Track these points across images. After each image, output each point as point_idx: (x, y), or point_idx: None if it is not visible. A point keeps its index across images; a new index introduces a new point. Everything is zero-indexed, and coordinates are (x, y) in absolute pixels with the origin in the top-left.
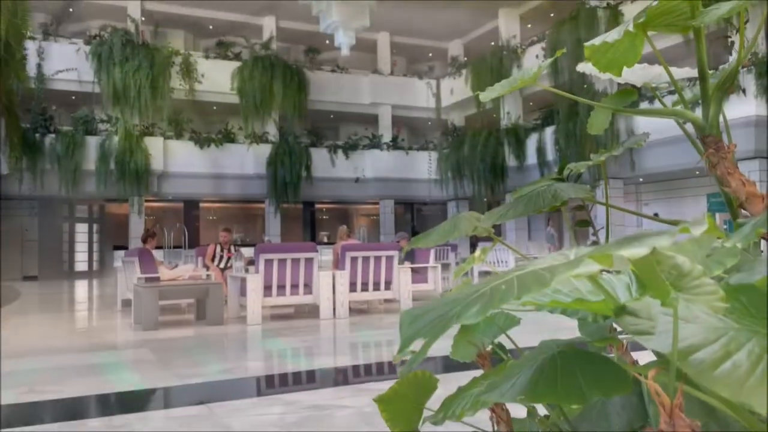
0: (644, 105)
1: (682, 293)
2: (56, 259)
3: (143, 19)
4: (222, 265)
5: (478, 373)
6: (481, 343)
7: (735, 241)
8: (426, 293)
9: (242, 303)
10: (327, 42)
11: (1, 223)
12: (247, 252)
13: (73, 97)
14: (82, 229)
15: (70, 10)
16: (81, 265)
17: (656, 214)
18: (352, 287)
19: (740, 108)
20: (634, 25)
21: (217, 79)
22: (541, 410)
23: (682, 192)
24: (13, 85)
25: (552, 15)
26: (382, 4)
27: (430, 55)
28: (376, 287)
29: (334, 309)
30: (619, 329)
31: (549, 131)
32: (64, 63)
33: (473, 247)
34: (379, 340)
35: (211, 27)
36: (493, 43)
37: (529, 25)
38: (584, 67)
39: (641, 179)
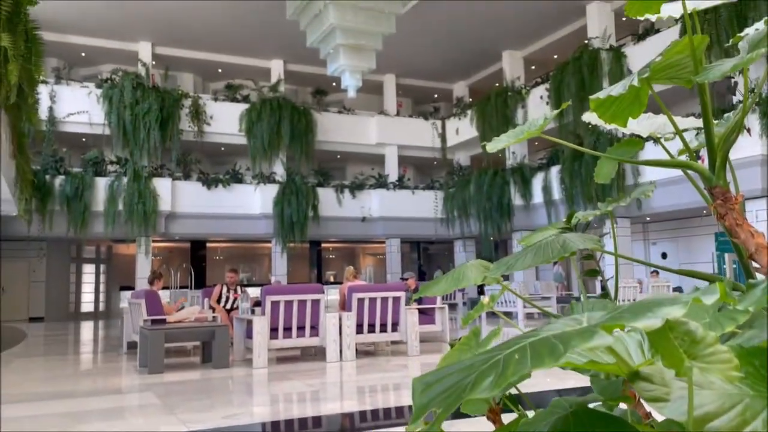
0: (649, 144)
1: (696, 361)
2: (63, 300)
3: (154, 63)
4: (228, 306)
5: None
6: (492, 397)
7: (747, 305)
8: (433, 334)
9: (248, 345)
10: (334, 84)
11: (9, 264)
12: (254, 292)
13: (84, 139)
14: (89, 269)
15: (83, 54)
16: (87, 305)
17: (664, 254)
18: (359, 329)
19: (746, 148)
20: (638, 80)
21: (225, 120)
22: None
23: (690, 231)
24: (25, 128)
25: (555, 57)
26: (388, 47)
27: (436, 96)
28: (383, 329)
29: (341, 351)
30: None
31: (554, 170)
32: (75, 106)
33: (481, 286)
34: (386, 384)
35: (220, 70)
36: (497, 84)
37: (533, 67)
38: (589, 116)
39: (648, 218)
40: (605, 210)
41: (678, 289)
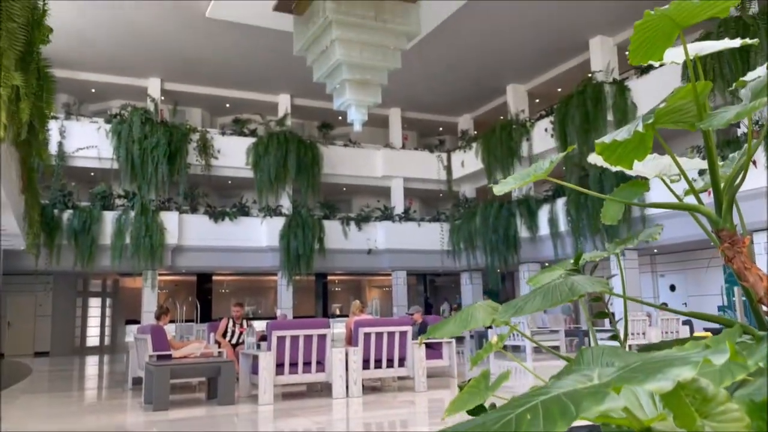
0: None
1: (708, 420)
2: (68, 334)
3: (163, 98)
4: (234, 341)
5: None
6: None
7: (756, 360)
8: (441, 369)
9: (254, 381)
10: (340, 118)
11: (16, 298)
12: (259, 326)
13: (92, 174)
14: (95, 303)
15: (93, 90)
16: (93, 340)
17: (672, 286)
18: (366, 364)
19: (751, 180)
20: (643, 126)
21: (232, 154)
22: None
23: (698, 263)
24: (35, 164)
25: (559, 90)
26: (394, 81)
27: (441, 128)
28: (390, 364)
29: (347, 387)
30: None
31: (560, 202)
32: (84, 141)
33: None
34: (394, 421)
35: (228, 105)
36: (502, 117)
37: (537, 100)
38: (595, 158)
39: (656, 250)
40: (612, 252)
41: (687, 322)
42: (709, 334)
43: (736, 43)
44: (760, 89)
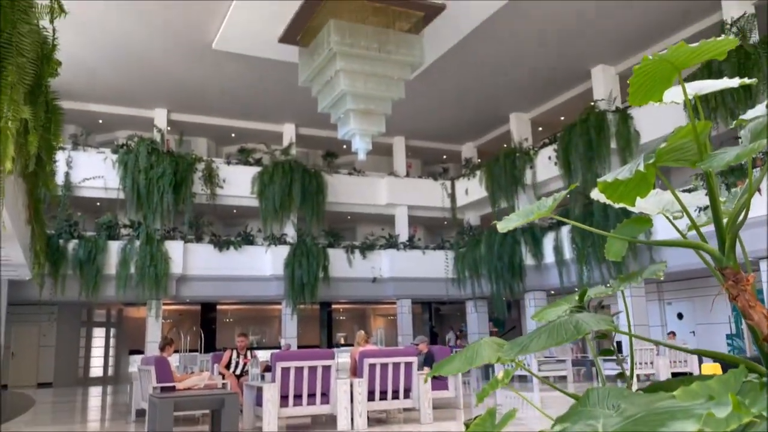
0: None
1: None
2: (72, 365)
3: (169, 128)
4: (238, 372)
5: None
6: None
7: (759, 409)
8: (447, 400)
9: (258, 413)
10: (344, 146)
11: (20, 328)
12: (263, 355)
13: (98, 203)
14: (99, 333)
15: (100, 121)
16: (96, 370)
17: (680, 314)
18: (371, 396)
19: (753, 207)
20: (644, 165)
21: (238, 183)
22: None
23: (705, 291)
24: (41, 194)
25: (562, 118)
26: (397, 110)
27: (444, 156)
28: (395, 395)
29: (352, 419)
30: None
31: (565, 230)
32: (91, 171)
33: None
34: None
35: (233, 134)
36: (505, 145)
37: (540, 128)
38: (598, 195)
39: (663, 278)
40: (617, 289)
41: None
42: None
43: (735, 82)
44: (760, 130)
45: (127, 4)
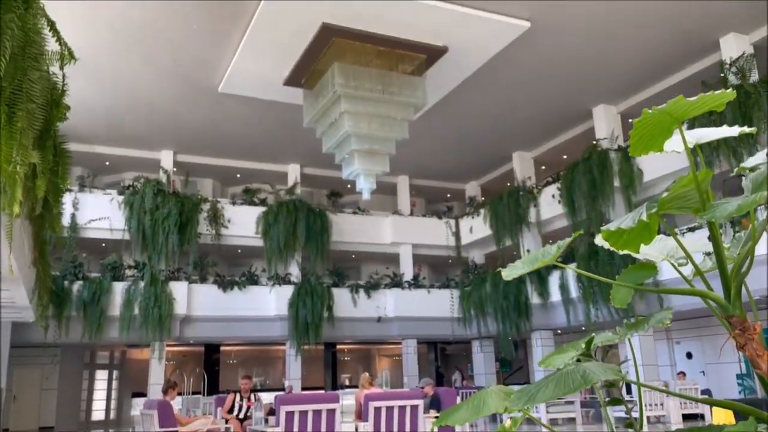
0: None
1: None
2: (74, 408)
3: (175, 169)
4: (242, 416)
5: None
6: None
7: None
8: None
9: None
10: (349, 186)
11: (22, 371)
12: (267, 398)
13: (103, 244)
14: (101, 375)
15: (107, 163)
16: (98, 414)
17: (689, 354)
18: None
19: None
20: (647, 215)
21: (242, 223)
22: None
23: (714, 330)
24: (47, 236)
25: (565, 157)
26: (401, 150)
27: (448, 195)
28: None
29: None
30: None
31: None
32: (97, 212)
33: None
34: None
35: (238, 175)
36: (509, 184)
37: (543, 167)
38: (602, 242)
39: (672, 317)
40: (624, 336)
41: (706, 392)
42: (730, 415)
43: (735, 131)
44: (761, 182)
45: (135, 49)
